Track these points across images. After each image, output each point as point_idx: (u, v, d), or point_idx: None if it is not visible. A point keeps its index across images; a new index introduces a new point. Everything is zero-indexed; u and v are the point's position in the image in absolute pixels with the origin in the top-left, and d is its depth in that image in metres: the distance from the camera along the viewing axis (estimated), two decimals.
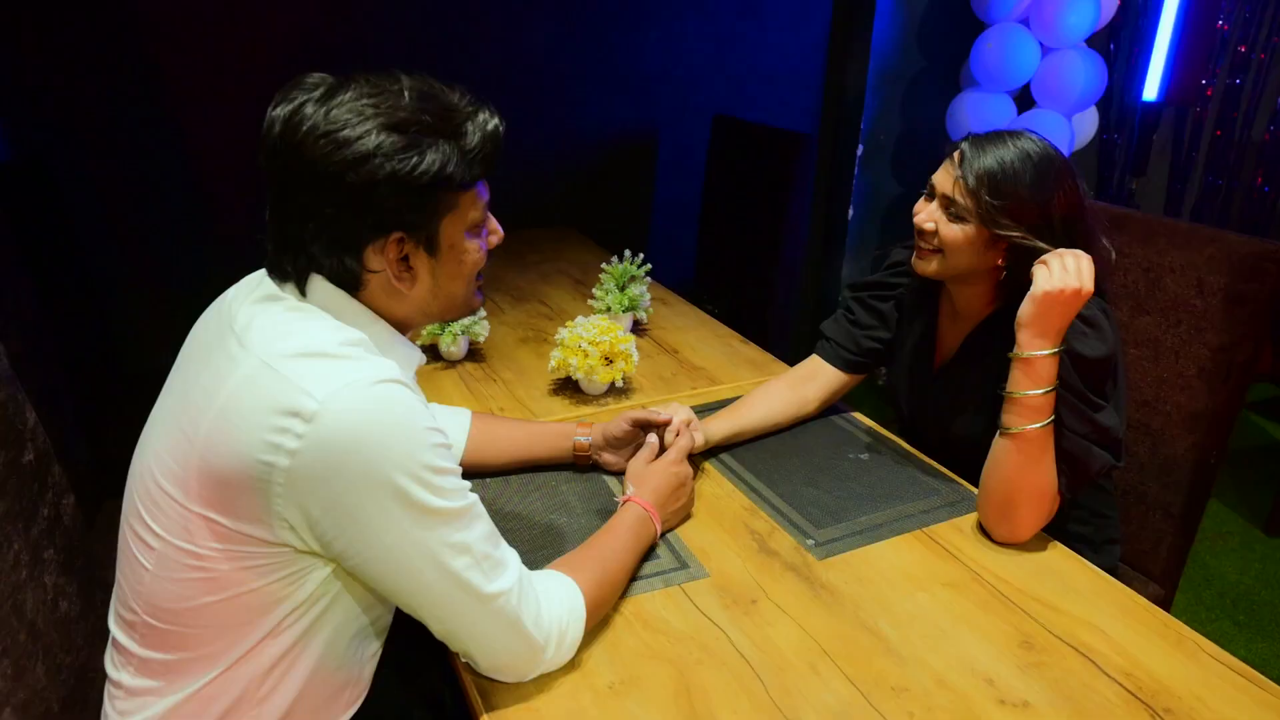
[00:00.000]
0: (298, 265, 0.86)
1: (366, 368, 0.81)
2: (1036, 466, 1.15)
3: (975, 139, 1.24)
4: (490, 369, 1.75)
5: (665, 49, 3.04)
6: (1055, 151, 1.22)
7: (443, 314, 0.96)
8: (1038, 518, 1.17)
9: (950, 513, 1.26)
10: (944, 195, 1.24)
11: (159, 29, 2.41)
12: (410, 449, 0.80)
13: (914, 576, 1.12)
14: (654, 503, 1.17)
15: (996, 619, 1.04)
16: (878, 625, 1.03)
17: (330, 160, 0.80)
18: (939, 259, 1.26)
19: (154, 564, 0.85)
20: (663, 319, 2.06)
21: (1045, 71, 2.81)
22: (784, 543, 1.19)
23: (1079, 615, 1.05)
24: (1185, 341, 1.49)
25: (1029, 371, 1.13)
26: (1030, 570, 1.14)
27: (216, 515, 0.81)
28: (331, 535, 0.81)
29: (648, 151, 3.18)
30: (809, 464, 1.40)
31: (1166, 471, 1.54)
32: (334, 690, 0.95)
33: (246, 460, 0.78)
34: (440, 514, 0.82)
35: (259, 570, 0.83)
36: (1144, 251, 1.55)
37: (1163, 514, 1.55)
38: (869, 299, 1.52)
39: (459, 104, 0.88)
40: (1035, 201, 1.18)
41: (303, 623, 0.88)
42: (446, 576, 0.84)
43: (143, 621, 0.87)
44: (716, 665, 0.97)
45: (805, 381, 1.53)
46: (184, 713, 0.87)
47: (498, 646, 0.89)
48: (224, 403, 0.80)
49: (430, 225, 0.87)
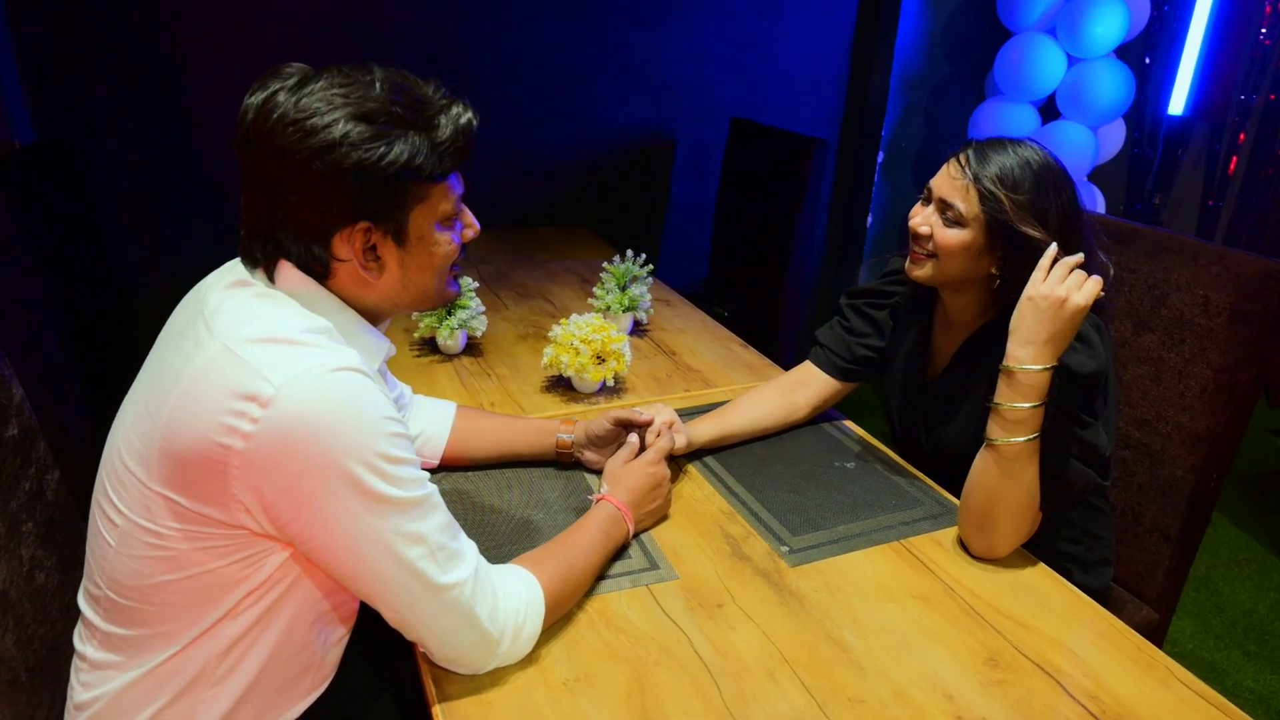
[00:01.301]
0: (266, 251, 0.87)
1: (326, 355, 0.82)
2: (1018, 481, 1.13)
3: (979, 145, 1.23)
4: (486, 364, 1.76)
5: (685, 50, 3.04)
6: (1055, 162, 1.22)
7: (413, 304, 0.96)
8: (1017, 533, 1.15)
9: (932, 525, 1.25)
10: (941, 199, 1.23)
11: (183, 17, 2.46)
12: (365, 437, 0.81)
13: (885, 588, 1.10)
14: (628, 502, 1.16)
15: (964, 634, 1.02)
16: (842, 635, 1.02)
17: (298, 148, 0.81)
18: (932, 264, 1.24)
19: (117, 541, 0.87)
20: (664, 320, 2.05)
21: (1070, 82, 2.76)
22: (758, 548, 1.18)
23: (1050, 635, 1.03)
24: (1188, 361, 1.46)
25: (1013, 383, 1.11)
26: (1006, 587, 1.12)
27: (176, 495, 0.82)
28: (286, 519, 0.82)
29: (664, 153, 3.18)
30: (794, 470, 1.38)
31: (1165, 494, 1.50)
32: (295, 674, 0.96)
33: (204, 442, 0.79)
34: (394, 503, 0.83)
35: (216, 551, 0.84)
36: (1150, 267, 1.51)
37: (1160, 537, 1.52)
38: (864, 306, 1.50)
39: (432, 97, 0.88)
40: (1033, 210, 1.17)
41: (261, 605, 0.89)
42: (399, 565, 0.84)
43: (106, 596, 0.89)
44: (674, 667, 0.96)
45: (796, 388, 1.51)
46: (143, 687, 0.89)
47: (451, 637, 0.89)
48: (186, 384, 0.82)
49: (399, 216, 0.88)
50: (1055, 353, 1.09)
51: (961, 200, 1.20)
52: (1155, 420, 1.51)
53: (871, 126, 3.21)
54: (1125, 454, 1.55)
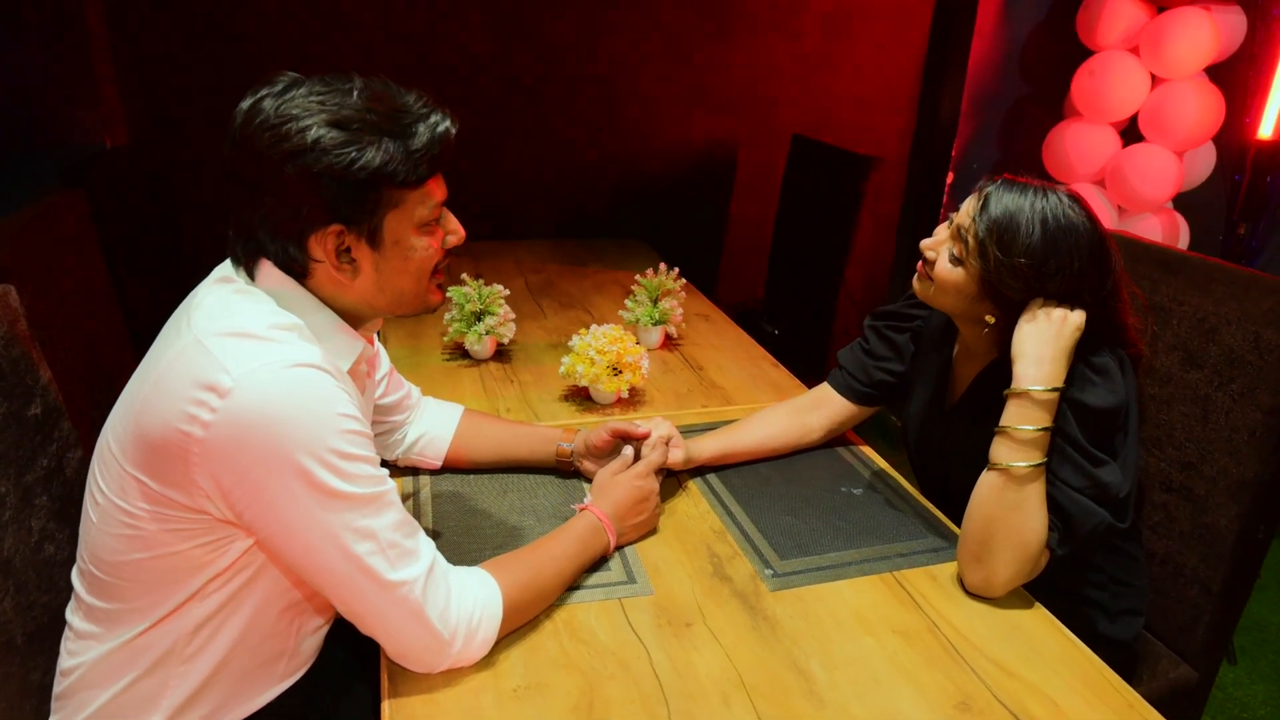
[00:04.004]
0: (247, 250, 0.91)
1: (286, 350, 0.85)
2: (1019, 511, 1.07)
3: (1002, 184, 1.14)
4: (512, 370, 1.79)
5: (750, 67, 3.02)
6: (1083, 220, 1.11)
7: (391, 308, 0.99)
8: (1016, 568, 1.08)
9: (930, 559, 1.19)
10: (958, 227, 1.18)
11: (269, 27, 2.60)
12: (317, 432, 0.83)
13: (865, 619, 1.06)
14: (611, 514, 1.16)
15: (940, 674, 0.98)
16: (809, 665, 0.98)
17: (273, 151, 0.85)
18: (931, 285, 1.20)
19: (98, 518, 0.92)
20: (699, 335, 2.04)
21: (1154, 103, 2.62)
22: (741, 570, 1.16)
23: (1033, 682, 0.97)
24: (1236, 401, 1.35)
25: (1019, 405, 1.08)
26: (996, 628, 1.06)
27: (145, 477, 0.86)
28: (241, 507, 0.85)
29: (724, 169, 3.17)
30: (796, 493, 1.35)
31: (1208, 543, 1.39)
32: (265, 659, 0.99)
33: (169, 429, 0.83)
34: (345, 498, 0.85)
35: (182, 534, 0.88)
36: (1199, 300, 1.41)
37: (1200, 589, 1.41)
38: (884, 329, 1.46)
39: (412, 105, 0.91)
40: (1029, 271, 1.09)
41: (227, 589, 0.92)
42: (348, 560, 0.86)
43: (88, 570, 0.94)
44: (628, 683, 0.95)
45: (811, 409, 1.48)
46: (118, 659, 0.94)
47: (400, 634, 0.91)
48: (161, 372, 0.86)
49: (372, 220, 0.90)
50: (1060, 373, 1.06)
51: (970, 237, 1.14)
52: (1199, 463, 1.41)
53: (941, 147, 3.12)
54: (1166, 498, 1.45)
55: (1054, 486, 1.09)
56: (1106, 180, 2.81)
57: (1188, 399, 1.43)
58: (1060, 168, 2.87)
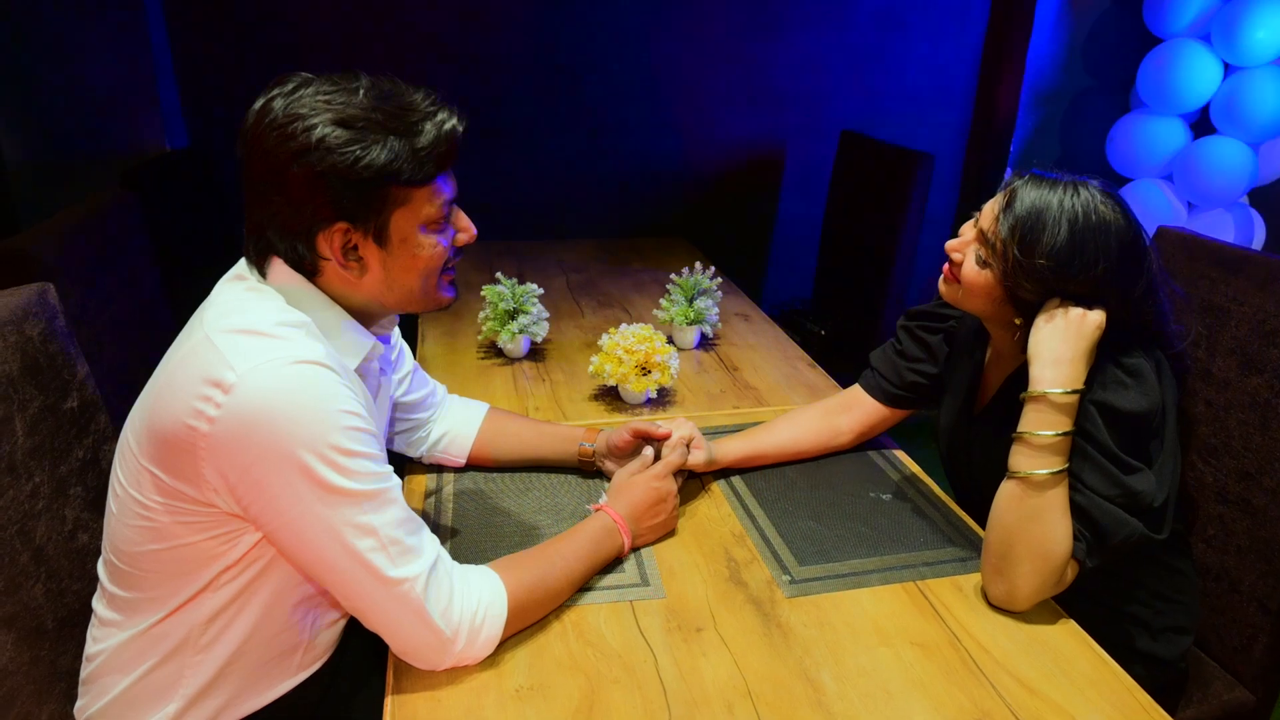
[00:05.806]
0: (259, 248, 0.93)
1: (290, 347, 0.86)
2: (1041, 521, 1.02)
3: (1030, 179, 1.09)
4: (544, 369, 1.79)
5: (799, 62, 2.97)
6: (1118, 218, 1.05)
7: (400, 305, 0.99)
8: (1039, 581, 1.03)
9: (957, 569, 1.15)
10: (982, 230, 1.13)
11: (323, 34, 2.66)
12: (320, 428, 0.84)
13: (883, 630, 1.03)
14: (626, 515, 1.15)
15: (956, 690, 0.94)
16: (819, 675, 0.96)
17: (280, 150, 0.86)
18: (959, 289, 1.15)
19: (117, 509, 0.94)
20: (736, 335, 2.01)
21: (1226, 93, 2.48)
22: (758, 575, 1.13)
23: (1057, 701, 0.92)
24: None
25: (1038, 409, 1.03)
26: (1021, 642, 1.01)
27: (158, 470, 0.88)
28: (246, 502, 0.86)
29: (773, 166, 3.12)
30: (822, 498, 1.32)
31: (1266, 558, 1.31)
32: (280, 651, 1.01)
33: (178, 423, 0.85)
34: (346, 494, 0.85)
35: (193, 526, 0.90)
36: (1260, 299, 1.33)
37: (1258, 608, 1.33)
38: (917, 330, 1.41)
39: (419, 104, 0.91)
40: (1051, 272, 1.04)
41: (238, 582, 0.94)
42: (349, 556, 0.87)
43: (110, 560, 0.97)
44: (632, 688, 0.93)
45: (841, 411, 1.44)
46: (137, 646, 0.96)
47: (402, 632, 0.91)
48: (173, 367, 0.88)
49: (379, 218, 0.91)
50: (1079, 374, 1.01)
51: (993, 238, 1.09)
52: (1258, 474, 1.32)
53: (998, 142, 3.02)
54: (1222, 510, 1.37)
55: (1081, 494, 1.04)
56: (1175, 175, 2.67)
57: (1246, 405, 1.34)
58: (1125, 162, 2.74)
